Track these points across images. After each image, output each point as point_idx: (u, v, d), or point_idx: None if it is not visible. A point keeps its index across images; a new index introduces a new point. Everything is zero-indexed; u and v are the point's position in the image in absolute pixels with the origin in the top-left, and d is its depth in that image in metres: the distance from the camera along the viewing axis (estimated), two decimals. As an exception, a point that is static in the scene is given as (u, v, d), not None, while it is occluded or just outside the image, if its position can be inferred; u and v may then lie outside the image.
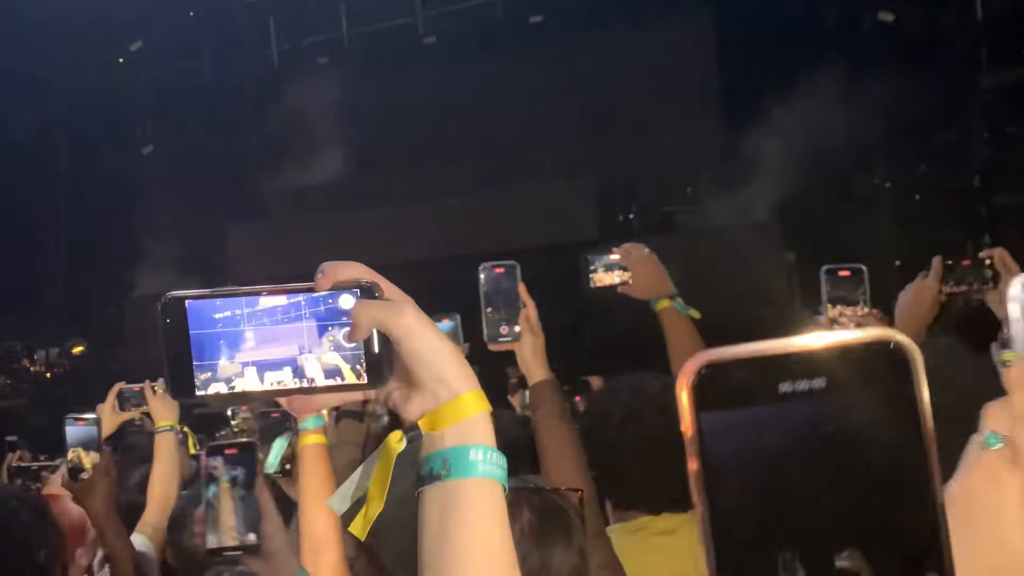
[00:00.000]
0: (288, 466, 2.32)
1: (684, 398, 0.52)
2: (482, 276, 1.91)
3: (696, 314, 2.29)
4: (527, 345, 1.92)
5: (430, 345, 0.77)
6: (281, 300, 0.78)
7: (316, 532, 1.83)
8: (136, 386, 2.83)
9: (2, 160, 11.14)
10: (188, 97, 11.47)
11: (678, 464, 1.82)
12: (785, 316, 8.18)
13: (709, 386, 0.51)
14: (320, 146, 11.12)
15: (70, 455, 2.46)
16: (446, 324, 3.01)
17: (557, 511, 1.37)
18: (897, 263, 8.16)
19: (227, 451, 1.56)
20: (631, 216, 10.00)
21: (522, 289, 1.92)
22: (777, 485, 0.50)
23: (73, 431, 2.52)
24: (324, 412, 2.79)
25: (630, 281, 2.30)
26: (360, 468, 0.80)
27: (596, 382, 4.60)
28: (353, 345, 0.78)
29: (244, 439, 1.75)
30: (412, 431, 0.78)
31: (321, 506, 1.80)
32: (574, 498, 1.43)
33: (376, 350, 0.78)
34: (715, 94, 10.40)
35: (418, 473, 0.77)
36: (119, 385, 2.77)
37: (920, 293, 2.35)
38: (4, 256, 11.58)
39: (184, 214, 11.32)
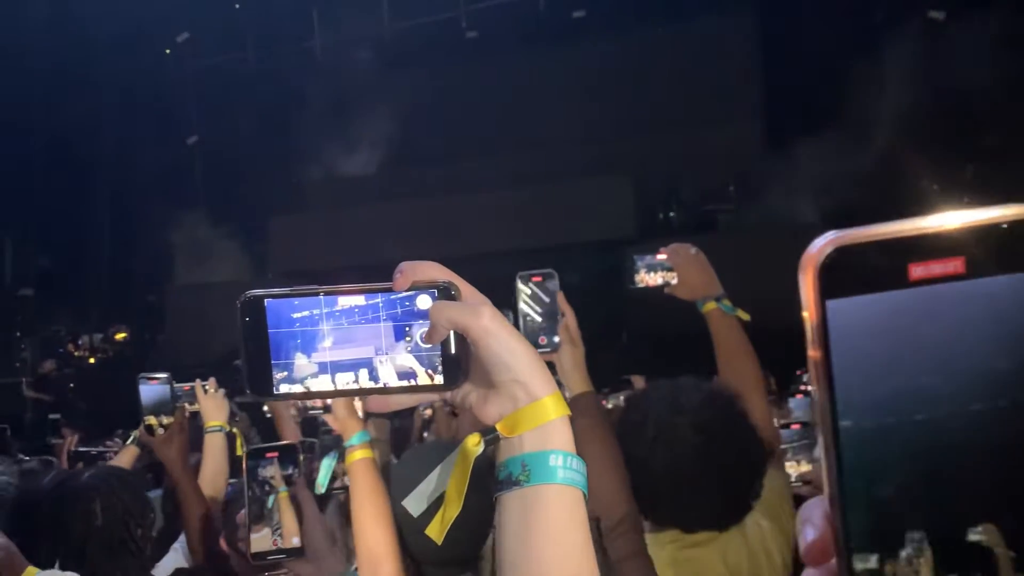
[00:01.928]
0: (337, 484, 2.33)
1: (808, 282, 0.48)
2: (519, 285, 1.87)
3: (745, 316, 2.20)
4: (567, 355, 1.84)
5: (508, 347, 0.75)
6: (359, 300, 0.78)
7: (372, 546, 1.84)
8: (187, 385, 2.84)
9: (50, 150, 11.37)
10: (233, 88, 11.59)
11: (712, 485, 1.76)
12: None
13: (835, 270, 0.48)
14: (361, 139, 11.18)
15: (146, 420, 2.63)
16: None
17: None
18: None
19: (268, 454, 1.55)
20: (671, 214, 9.93)
21: (561, 298, 1.83)
22: (906, 380, 0.46)
23: (147, 389, 2.66)
24: (371, 428, 2.81)
25: (675, 282, 2.24)
26: (437, 470, 0.80)
27: (638, 381, 4.50)
28: (430, 346, 0.78)
29: (284, 441, 1.76)
30: (489, 434, 0.76)
31: (375, 520, 1.80)
32: (592, 525, 1.40)
33: (453, 351, 0.77)
34: (758, 92, 10.29)
35: (496, 477, 0.75)
36: (179, 408, 2.81)
37: None
38: (50, 244, 11.82)
39: (226, 204, 11.46)
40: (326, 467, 2.49)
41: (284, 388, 0.79)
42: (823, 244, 0.48)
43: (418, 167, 11.17)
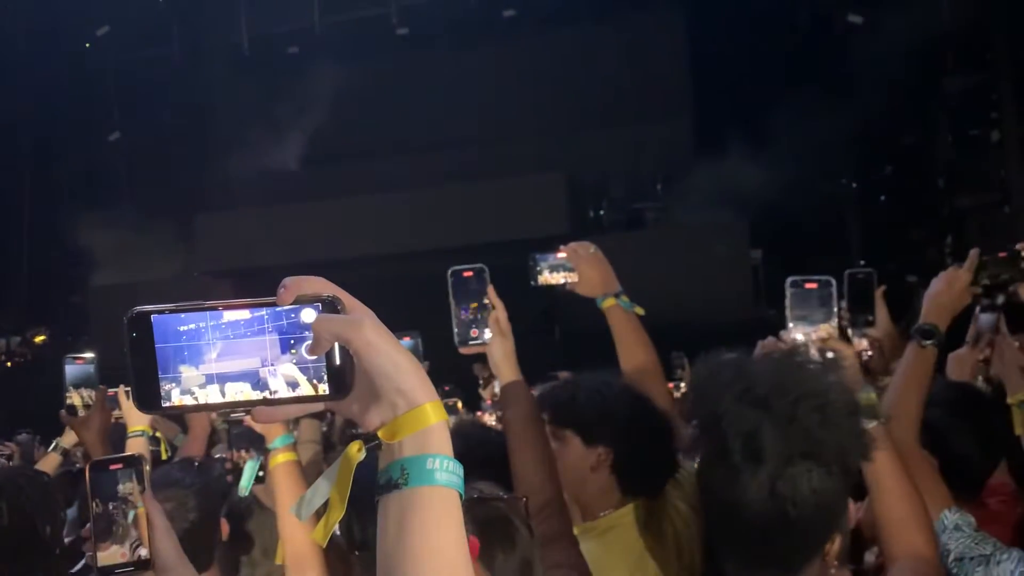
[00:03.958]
0: (262, 474, 2.32)
1: None
2: (451, 280, 1.93)
3: (640, 311, 2.34)
4: (497, 347, 1.95)
5: (389, 358, 0.78)
6: (244, 314, 0.80)
7: (298, 548, 1.84)
8: (111, 390, 2.82)
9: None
10: (156, 84, 11.32)
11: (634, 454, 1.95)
12: (748, 312, 8.29)
13: None
14: (290, 135, 11.03)
15: (69, 398, 2.61)
16: (407, 342, 3.05)
17: (501, 521, 1.39)
18: (862, 263, 8.27)
19: (112, 466, 1.53)
20: (601, 212, 10.05)
21: (491, 292, 1.93)
22: None
23: (72, 369, 2.64)
24: (304, 428, 2.81)
25: (576, 279, 2.33)
26: (322, 476, 0.82)
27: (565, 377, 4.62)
28: (315, 358, 0.80)
29: (129, 453, 1.74)
30: (372, 441, 0.79)
31: (300, 523, 1.80)
32: (520, 505, 1.45)
33: (337, 363, 0.80)
34: (687, 91, 10.46)
35: (377, 482, 0.79)
36: (100, 389, 2.79)
37: (951, 282, 2.27)
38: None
39: (151, 202, 11.19)
40: (250, 469, 2.48)
41: (174, 401, 0.80)
42: None
43: (348, 164, 11.07)
